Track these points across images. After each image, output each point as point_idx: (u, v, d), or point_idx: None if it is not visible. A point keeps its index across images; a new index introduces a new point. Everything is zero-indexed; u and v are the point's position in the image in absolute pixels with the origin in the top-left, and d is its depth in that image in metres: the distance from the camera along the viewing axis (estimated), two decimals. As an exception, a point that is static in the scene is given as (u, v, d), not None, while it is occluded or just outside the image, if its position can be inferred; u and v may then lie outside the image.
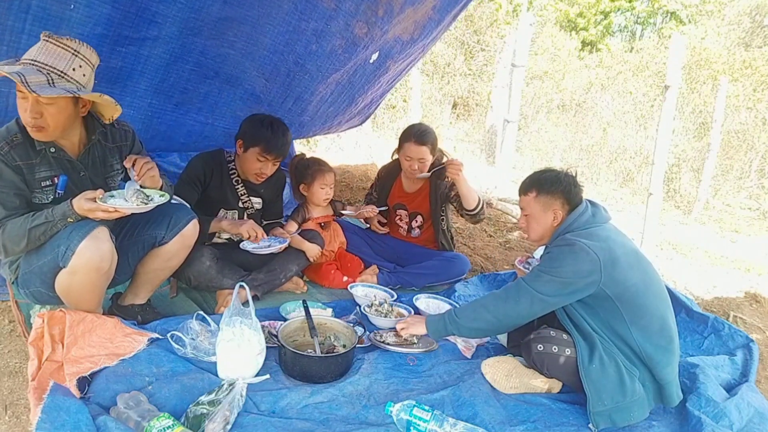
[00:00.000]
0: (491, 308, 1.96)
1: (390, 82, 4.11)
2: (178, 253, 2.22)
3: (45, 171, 1.89)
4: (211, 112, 3.01)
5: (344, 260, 3.07)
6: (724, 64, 8.59)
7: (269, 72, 2.93)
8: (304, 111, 3.51)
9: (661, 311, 1.92)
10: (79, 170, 1.99)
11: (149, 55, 2.44)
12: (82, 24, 2.14)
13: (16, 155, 1.82)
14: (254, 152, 2.52)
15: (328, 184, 2.96)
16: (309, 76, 3.12)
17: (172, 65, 2.57)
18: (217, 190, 2.66)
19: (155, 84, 2.62)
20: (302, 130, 3.83)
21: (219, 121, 3.11)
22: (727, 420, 1.90)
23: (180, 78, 2.67)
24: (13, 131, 1.84)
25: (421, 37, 3.50)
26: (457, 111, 10.70)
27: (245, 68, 2.83)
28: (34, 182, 1.87)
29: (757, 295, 3.61)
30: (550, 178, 2.08)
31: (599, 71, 10.34)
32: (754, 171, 7.40)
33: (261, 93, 3.08)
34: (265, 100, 3.14)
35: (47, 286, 1.93)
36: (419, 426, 1.67)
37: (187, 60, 2.59)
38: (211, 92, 2.88)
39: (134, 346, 1.92)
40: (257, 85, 3.00)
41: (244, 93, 3.00)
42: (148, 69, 2.52)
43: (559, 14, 12.07)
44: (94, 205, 1.79)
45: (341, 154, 7.00)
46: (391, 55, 3.47)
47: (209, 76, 2.76)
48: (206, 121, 3.03)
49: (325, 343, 2.15)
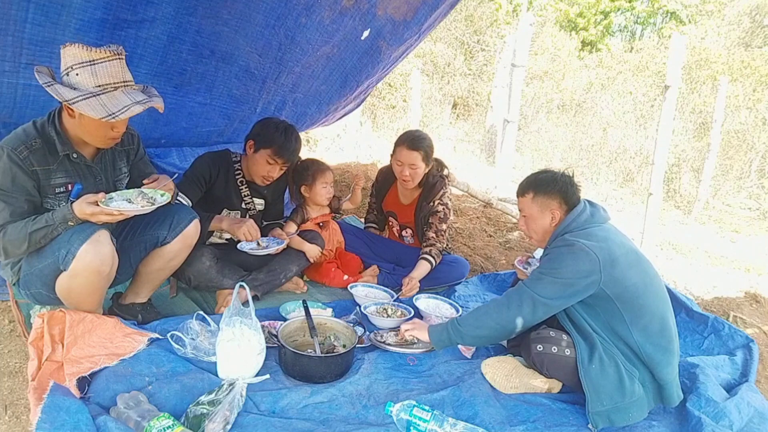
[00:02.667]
0: (494, 315, 1.96)
1: (385, 69, 4.09)
2: (179, 253, 2.23)
3: (61, 177, 1.90)
4: (209, 92, 3.05)
5: (343, 259, 3.08)
6: (723, 64, 8.59)
7: (262, 47, 2.96)
8: (297, 86, 3.52)
9: (661, 311, 1.92)
10: (96, 175, 2.00)
11: (147, 37, 2.46)
12: (82, 9, 2.14)
13: (34, 160, 1.82)
14: (265, 154, 2.52)
15: (329, 182, 2.96)
16: (300, 49, 3.15)
17: (169, 46, 2.59)
18: (221, 190, 2.66)
19: (155, 66, 2.64)
20: (298, 111, 3.83)
21: (216, 101, 3.14)
22: (727, 420, 1.91)
23: (178, 59, 2.70)
24: (32, 135, 1.83)
25: (415, 21, 3.49)
26: (457, 111, 10.70)
27: (239, 45, 2.86)
28: (48, 188, 1.87)
29: (757, 295, 3.61)
30: (547, 179, 2.08)
31: (599, 71, 10.34)
32: (754, 171, 7.41)
33: (255, 69, 3.11)
34: (260, 76, 3.17)
35: (48, 288, 1.93)
36: (419, 426, 1.67)
37: (184, 40, 2.62)
38: (208, 72, 2.91)
39: (134, 346, 1.92)
40: (251, 62, 3.04)
41: (239, 70, 3.04)
42: (147, 52, 2.54)
43: (559, 14, 12.08)
44: (96, 209, 1.79)
45: (341, 154, 7.00)
46: (383, 35, 3.47)
47: (205, 55, 2.79)
48: (204, 101, 3.07)
49: (325, 343, 2.15)
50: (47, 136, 1.85)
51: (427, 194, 2.98)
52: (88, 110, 1.72)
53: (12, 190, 1.80)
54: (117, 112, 1.74)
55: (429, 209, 2.96)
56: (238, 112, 3.31)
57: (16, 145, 1.79)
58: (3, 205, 1.80)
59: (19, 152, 1.78)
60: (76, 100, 1.71)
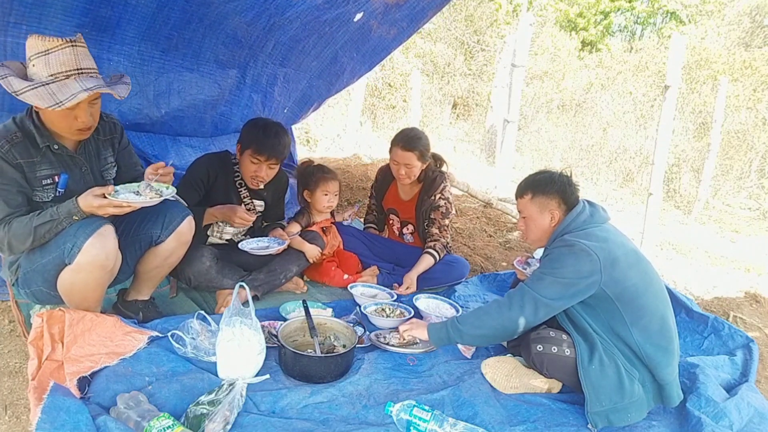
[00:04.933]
0: (495, 315, 1.95)
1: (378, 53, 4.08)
2: (175, 251, 2.23)
3: (46, 169, 1.89)
4: (195, 58, 3.08)
5: (342, 257, 3.09)
6: (724, 64, 8.59)
7: (251, 17, 2.99)
8: (287, 60, 3.54)
9: (660, 311, 1.92)
10: (80, 165, 1.99)
11: (137, 3, 2.49)
12: None
13: (17, 153, 1.82)
14: (247, 154, 2.52)
15: (331, 191, 2.96)
16: (289, 23, 3.18)
17: (158, 13, 2.62)
18: (220, 192, 2.65)
19: (143, 31, 2.66)
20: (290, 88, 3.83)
21: (203, 66, 3.17)
22: (727, 420, 1.90)
23: (166, 24, 2.72)
24: (12, 130, 1.84)
25: (407, 5, 3.50)
26: (457, 111, 10.71)
27: (227, 15, 2.88)
28: (34, 180, 1.88)
29: (757, 295, 3.61)
30: (545, 179, 2.08)
31: (599, 71, 10.34)
32: (754, 171, 7.41)
33: (242, 38, 3.14)
34: (246, 43, 3.19)
35: (49, 284, 1.93)
36: (419, 426, 1.67)
37: (173, 8, 2.64)
38: (195, 38, 2.94)
39: (134, 344, 1.93)
40: (239, 30, 3.07)
41: (225, 37, 3.06)
42: (135, 17, 2.56)
43: (559, 14, 12.07)
44: (105, 201, 1.79)
45: (341, 154, 7.00)
46: (375, 15, 3.48)
47: (193, 22, 2.81)
48: (191, 66, 3.10)
49: (325, 343, 2.15)
50: (26, 130, 1.85)
51: (428, 189, 3.00)
52: (35, 100, 1.71)
53: (2, 182, 1.80)
54: (64, 100, 1.71)
55: (431, 204, 2.98)
56: (226, 78, 3.33)
57: None
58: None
59: (0, 146, 1.79)
60: (23, 91, 1.70)
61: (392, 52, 4.31)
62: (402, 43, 4.20)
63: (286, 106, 4.06)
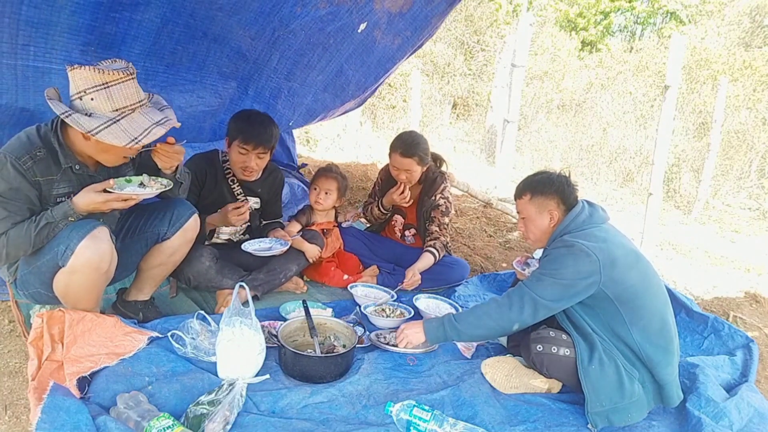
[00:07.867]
0: (494, 315, 1.95)
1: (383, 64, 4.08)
2: (180, 248, 2.24)
3: (64, 188, 1.88)
4: (199, 70, 3.09)
5: (342, 258, 3.09)
6: (724, 64, 8.58)
7: (255, 32, 3.01)
8: (292, 75, 3.55)
9: (660, 311, 1.92)
10: None
11: (142, 19, 2.49)
12: None
13: (38, 171, 1.79)
14: (235, 145, 2.53)
15: (323, 188, 2.97)
16: (293, 35, 3.19)
17: (163, 28, 2.62)
18: (212, 190, 2.65)
19: (148, 47, 2.67)
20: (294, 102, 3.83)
21: (207, 78, 3.18)
22: (727, 420, 1.91)
23: (170, 40, 2.72)
24: (36, 144, 1.80)
25: (411, 14, 3.51)
26: (457, 111, 10.71)
27: (232, 28, 2.89)
28: (50, 197, 1.86)
29: (757, 295, 3.61)
30: (543, 180, 2.08)
31: (599, 71, 10.33)
32: (754, 171, 7.41)
33: (247, 51, 3.15)
34: (251, 57, 3.21)
35: (46, 286, 1.92)
36: (419, 426, 1.67)
37: (177, 23, 2.65)
38: (199, 51, 2.95)
39: (134, 345, 1.93)
40: (243, 44, 3.09)
41: (230, 51, 3.08)
42: (141, 33, 2.57)
43: (559, 14, 12.07)
44: (110, 196, 1.80)
45: (341, 154, 7.00)
46: (379, 25, 3.50)
47: (197, 37, 2.82)
48: (194, 78, 3.11)
49: (325, 343, 2.15)
50: (50, 147, 1.82)
51: (428, 189, 3.01)
52: (111, 139, 1.71)
53: (14, 198, 1.78)
54: (139, 136, 1.74)
55: (431, 203, 2.99)
56: (228, 89, 3.34)
57: (20, 155, 1.76)
58: (5, 213, 1.78)
59: (23, 162, 1.76)
60: (98, 131, 1.69)
61: (398, 63, 4.29)
62: (407, 54, 4.18)
63: (291, 119, 4.07)
